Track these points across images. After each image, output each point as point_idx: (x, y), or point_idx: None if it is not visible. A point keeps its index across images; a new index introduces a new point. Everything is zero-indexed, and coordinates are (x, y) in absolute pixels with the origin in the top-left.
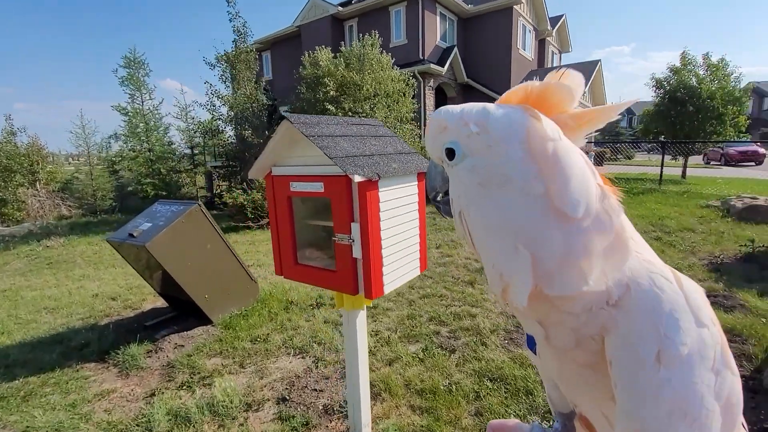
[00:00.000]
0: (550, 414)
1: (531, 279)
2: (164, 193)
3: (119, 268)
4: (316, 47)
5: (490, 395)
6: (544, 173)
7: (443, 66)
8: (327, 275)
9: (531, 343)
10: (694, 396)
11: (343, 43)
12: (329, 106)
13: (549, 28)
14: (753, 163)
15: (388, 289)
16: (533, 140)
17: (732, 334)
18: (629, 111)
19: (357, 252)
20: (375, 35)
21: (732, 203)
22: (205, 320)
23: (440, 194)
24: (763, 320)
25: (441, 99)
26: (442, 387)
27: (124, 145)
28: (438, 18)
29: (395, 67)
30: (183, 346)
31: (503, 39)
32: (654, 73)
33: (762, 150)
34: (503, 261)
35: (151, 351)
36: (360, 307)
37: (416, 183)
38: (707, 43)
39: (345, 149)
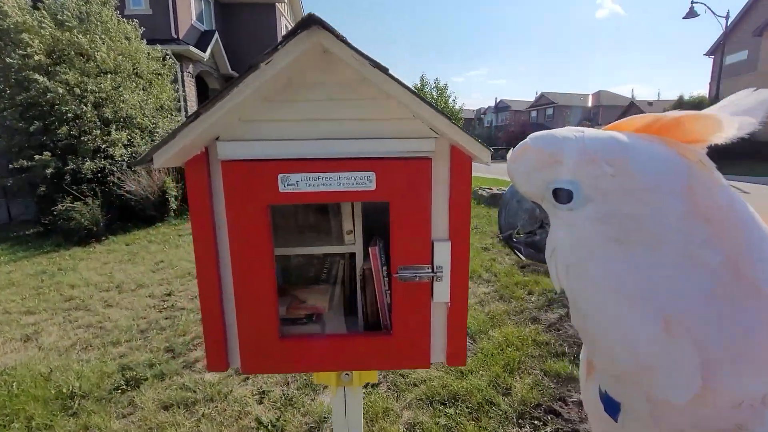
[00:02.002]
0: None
1: (700, 373)
2: None
3: None
4: None
5: (459, 423)
6: (721, 237)
7: (204, 51)
8: (366, 345)
9: (612, 408)
10: None
11: None
12: (36, 76)
13: None
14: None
15: None
16: (700, 193)
17: None
18: None
19: (443, 293)
20: None
21: (479, 193)
22: None
23: (518, 233)
24: None
25: (203, 88)
26: None
27: None
28: None
29: (143, 40)
30: None
31: (268, 34)
32: None
33: None
34: (645, 340)
35: None
36: (373, 379)
37: None
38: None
39: None
